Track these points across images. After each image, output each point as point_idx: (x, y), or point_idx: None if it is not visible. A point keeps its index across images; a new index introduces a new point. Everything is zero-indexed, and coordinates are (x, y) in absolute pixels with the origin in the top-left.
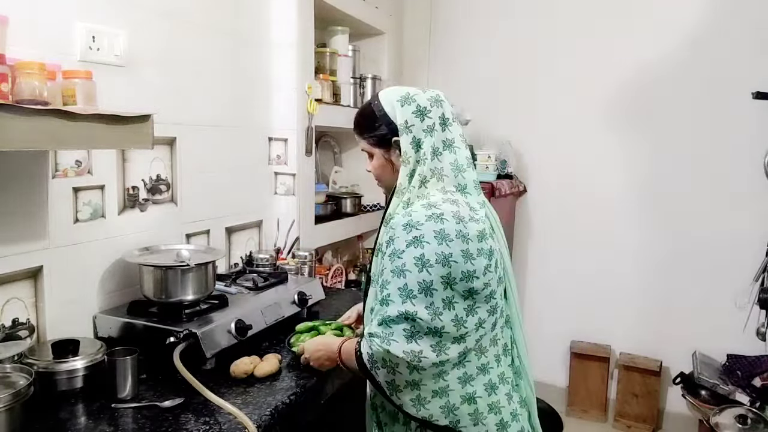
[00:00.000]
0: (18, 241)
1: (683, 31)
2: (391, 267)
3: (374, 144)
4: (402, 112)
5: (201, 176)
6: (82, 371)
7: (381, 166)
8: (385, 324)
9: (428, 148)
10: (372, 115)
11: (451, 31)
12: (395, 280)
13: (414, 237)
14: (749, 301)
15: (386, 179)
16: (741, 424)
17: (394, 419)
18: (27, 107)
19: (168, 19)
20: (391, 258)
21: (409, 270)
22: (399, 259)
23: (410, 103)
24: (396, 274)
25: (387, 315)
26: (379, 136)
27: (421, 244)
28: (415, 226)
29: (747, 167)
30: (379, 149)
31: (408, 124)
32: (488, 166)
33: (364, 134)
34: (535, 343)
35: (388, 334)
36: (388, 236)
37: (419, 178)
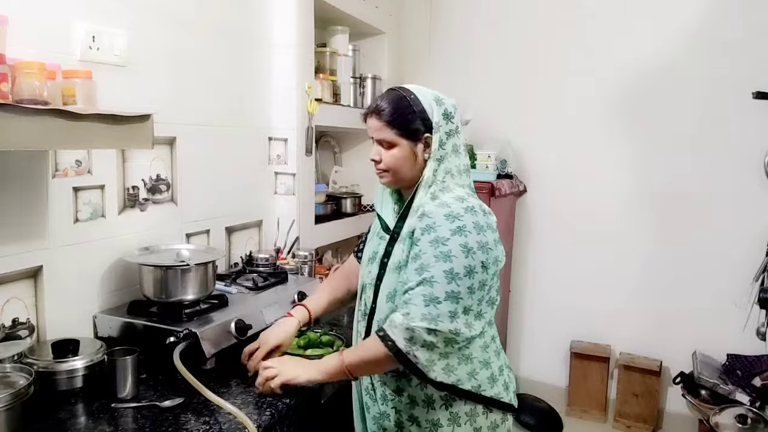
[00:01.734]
0: (18, 241)
1: (683, 31)
2: (435, 252)
3: (403, 135)
4: (437, 112)
5: (201, 176)
6: (82, 371)
7: (404, 158)
8: (432, 304)
9: (451, 148)
10: (409, 108)
11: (451, 31)
12: (440, 264)
13: (457, 227)
14: (749, 301)
15: (405, 171)
16: (741, 424)
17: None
18: (27, 107)
19: (168, 19)
20: (434, 244)
21: (456, 256)
22: (444, 246)
23: (441, 105)
24: (441, 258)
25: (434, 295)
26: (412, 130)
27: (464, 233)
28: (457, 217)
29: (747, 167)
30: (408, 141)
31: (439, 123)
32: (488, 166)
33: (396, 124)
34: (535, 343)
35: (435, 315)
36: (425, 224)
37: (443, 174)
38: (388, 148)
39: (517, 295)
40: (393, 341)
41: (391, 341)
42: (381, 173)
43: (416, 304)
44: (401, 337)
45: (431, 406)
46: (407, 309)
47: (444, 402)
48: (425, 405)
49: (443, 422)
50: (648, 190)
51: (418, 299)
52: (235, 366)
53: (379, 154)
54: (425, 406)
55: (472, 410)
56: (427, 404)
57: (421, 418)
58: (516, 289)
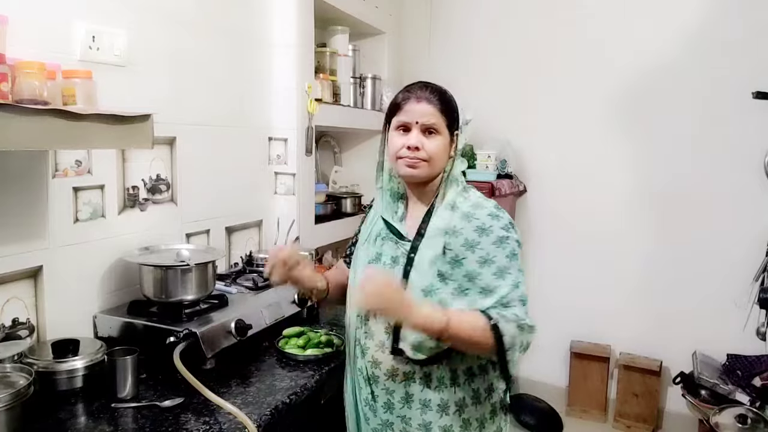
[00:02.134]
0: (18, 241)
1: (683, 31)
2: (505, 252)
3: (447, 126)
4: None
5: (201, 176)
6: (82, 371)
7: (444, 149)
8: (526, 302)
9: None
10: (455, 104)
11: (451, 31)
12: (514, 263)
13: (505, 224)
14: (749, 301)
15: (440, 163)
16: (741, 424)
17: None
18: (27, 107)
19: (168, 19)
20: (499, 244)
21: (516, 252)
22: (507, 244)
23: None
24: (511, 258)
25: (524, 295)
26: (453, 124)
27: (510, 230)
28: (500, 215)
29: (747, 167)
30: (448, 134)
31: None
32: (488, 166)
33: (446, 114)
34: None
35: (527, 312)
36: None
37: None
38: (430, 137)
39: None
40: (503, 335)
41: (501, 335)
42: (417, 162)
43: (517, 305)
44: (510, 333)
45: (445, 411)
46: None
47: (458, 408)
48: (440, 410)
49: (455, 428)
50: (648, 190)
51: (517, 301)
52: (235, 366)
53: (420, 142)
54: (439, 411)
55: (482, 416)
56: (441, 410)
57: (434, 423)
58: None
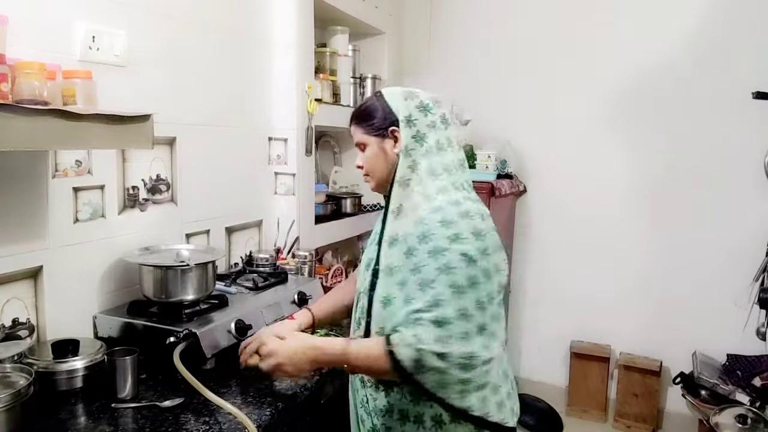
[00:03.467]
0: (18, 241)
1: (683, 31)
2: (436, 264)
3: (369, 133)
4: (405, 105)
5: (201, 176)
6: (82, 371)
7: (374, 156)
8: (442, 325)
9: (434, 143)
10: (373, 106)
11: (451, 31)
12: (443, 278)
13: (453, 234)
14: (749, 301)
15: (378, 170)
16: (741, 424)
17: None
18: (27, 107)
19: (168, 19)
20: (433, 255)
21: (457, 266)
22: (443, 257)
23: (414, 99)
24: (443, 271)
25: (444, 316)
26: (376, 125)
27: (461, 241)
28: (452, 223)
29: (747, 167)
30: (375, 138)
31: (411, 117)
32: (488, 166)
33: (362, 123)
34: (535, 343)
35: (446, 337)
36: (420, 231)
37: (429, 171)
38: (362, 150)
39: (517, 295)
40: (400, 361)
41: (398, 360)
42: (365, 178)
43: (424, 324)
44: (409, 357)
45: (422, 425)
46: (416, 330)
47: (435, 423)
48: (416, 422)
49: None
50: (648, 190)
51: (428, 318)
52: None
53: (360, 159)
54: (416, 423)
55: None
56: (418, 422)
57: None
58: (516, 289)
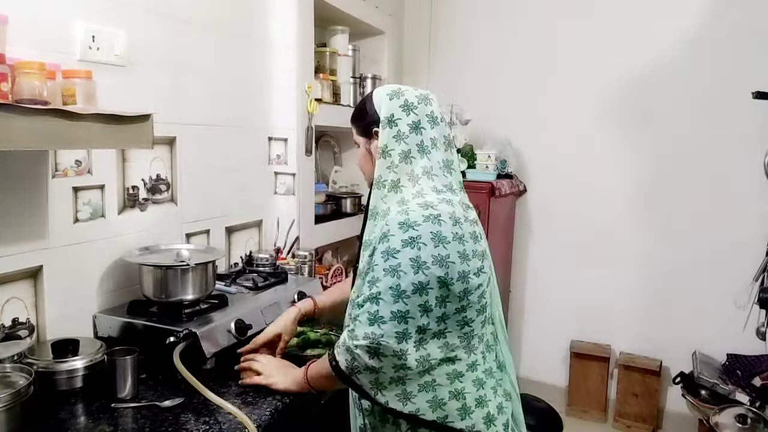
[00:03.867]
0: (18, 241)
1: (683, 30)
2: (385, 265)
3: (359, 133)
4: (389, 105)
5: (201, 176)
6: (82, 371)
7: (362, 156)
8: (377, 323)
9: (415, 144)
10: (362, 106)
11: (451, 31)
12: (388, 279)
13: (410, 237)
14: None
15: (366, 170)
16: (741, 424)
17: (383, 421)
18: (27, 107)
19: (168, 19)
20: (385, 256)
21: (404, 271)
22: (394, 259)
23: (399, 98)
24: (389, 273)
25: (379, 314)
26: (363, 126)
27: (418, 246)
28: (412, 226)
29: (747, 167)
30: (363, 138)
31: (394, 117)
32: (488, 166)
33: (354, 123)
34: (535, 343)
35: (379, 335)
36: (382, 232)
37: (408, 173)
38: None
39: (517, 295)
40: (337, 362)
41: (335, 362)
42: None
43: (361, 321)
44: (344, 358)
45: (399, 427)
46: (353, 326)
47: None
48: (393, 424)
49: None
50: (648, 190)
51: (364, 317)
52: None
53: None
54: (393, 425)
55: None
56: (395, 425)
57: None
58: (516, 289)
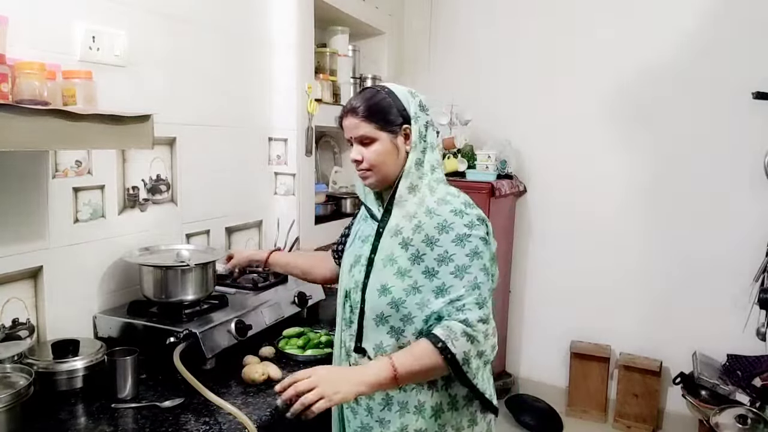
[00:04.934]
0: (18, 241)
1: (683, 30)
2: (465, 251)
3: (382, 128)
4: (413, 103)
5: (201, 176)
6: (82, 371)
7: (386, 152)
8: (484, 306)
9: (431, 140)
10: (386, 101)
11: (452, 31)
12: (476, 263)
13: (469, 221)
14: (749, 301)
15: (388, 166)
16: (741, 424)
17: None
18: (27, 107)
19: (168, 19)
20: (459, 243)
21: (480, 251)
22: (470, 242)
23: (416, 97)
24: (472, 257)
25: (482, 297)
26: (390, 121)
27: (474, 227)
28: (464, 212)
29: (747, 167)
30: (388, 134)
31: (416, 115)
32: (488, 166)
33: (373, 118)
34: (535, 343)
35: (487, 315)
36: (436, 222)
37: (430, 166)
38: (368, 145)
39: (517, 295)
40: (453, 354)
41: (450, 354)
42: (364, 173)
43: (471, 309)
44: (461, 349)
45: (421, 414)
46: (464, 315)
47: (434, 413)
48: (416, 412)
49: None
50: (648, 190)
51: (472, 304)
52: (235, 366)
53: (360, 154)
54: (416, 413)
55: (458, 423)
56: (418, 412)
57: (410, 426)
58: (516, 289)
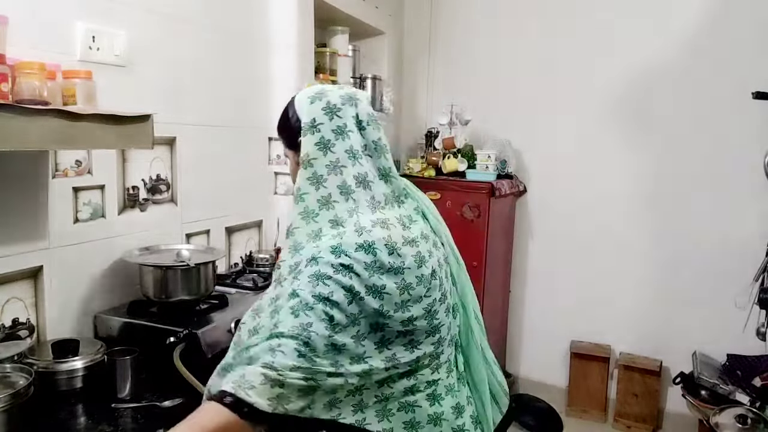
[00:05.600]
0: (18, 241)
1: (683, 30)
2: (314, 291)
3: (286, 146)
4: (311, 110)
5: (201, 176)
6: (82, 371)
7: (293, 171)
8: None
9: (342, 153)
10: (285, 115)
11: (451, 31)
12: (318, 307)
13: (341, 264)
14: (749, 301)
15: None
16: (741, 424)
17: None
18: (27, 107)
19: (168, 19)
20: (314, 281)
21: (337, 301)
22: (325, 286)
23: (321, 100)
24: (319, 299)
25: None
26: (287, 137)
27: (350, 275)
28: (345, 253)
29: (747, 167)
30: (291, 151)
31: (316, 122)
32: (488, 166)
33: (279, 134)
34: (535, 343)
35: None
36: (312, 255)
37: (338, 186)
38: None
39: (517, 295)
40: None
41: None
42: None
43: (286, 353)
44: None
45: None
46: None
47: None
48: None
49: None
50: (648, 190)
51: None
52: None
53: None
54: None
55: None
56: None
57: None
58: (516, 289)
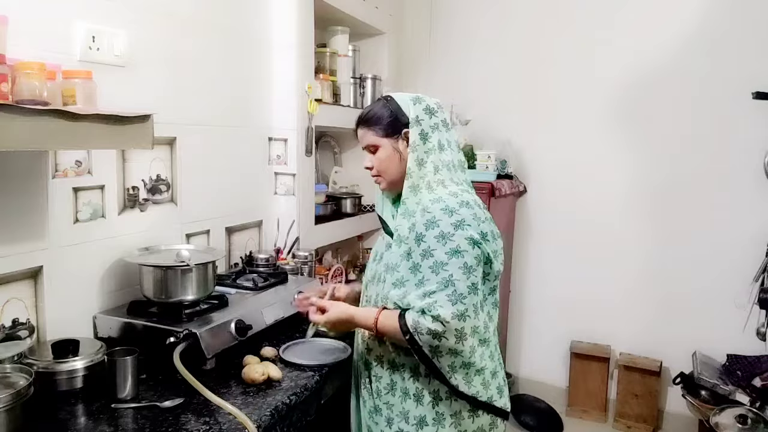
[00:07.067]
0: (18, 241)
1: (683, 31)
2: (446, 249)
3: (383, 135)
4: (414, 109)
5: (201, 176)
6: (82, 371)
7: (388, 157)
8: (459, 301)
9: (436, 141)
10: (385, 108)
11: (451, 31)
12: (454, 260)
13: (457, 221)
14: (749, 301)
15: (392, 170)
16: (741, 424)
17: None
18: (27, 107)
19: (168, 19)
20: (441, 239)
21: (461, 251)
22: (452, 241)
23: (421, 102)
24: (451, 254)
25: (458, 292)
26: (389, 126)
27: (460, 227)
28: (454, 211)
29: (747, 167)
30: (388, 140)
31: (418, 118)
32: (488, 166)
33: (375, 126)
34: (535, 343)
35: (463, 311)
36: (426, 219)
37: (432, 166)
38: (375, 152)
39: (517, 295)
40: (420, 346)
41: (417, 346)
42: (376, 179)
43: (442, 305)
44: (427, 344)
45: (420, 401)
46: (437, 312)
47: (432, 399)
48: (415, 399)
49: (428, 420)
50: (648, 191)
51: (444, 300)
52: (235, 366)
53: (370, 161)
54: (415, 400)
55: (457, 412)
56: (417, 399)
57: (411, 413)
58: (516, 289)
